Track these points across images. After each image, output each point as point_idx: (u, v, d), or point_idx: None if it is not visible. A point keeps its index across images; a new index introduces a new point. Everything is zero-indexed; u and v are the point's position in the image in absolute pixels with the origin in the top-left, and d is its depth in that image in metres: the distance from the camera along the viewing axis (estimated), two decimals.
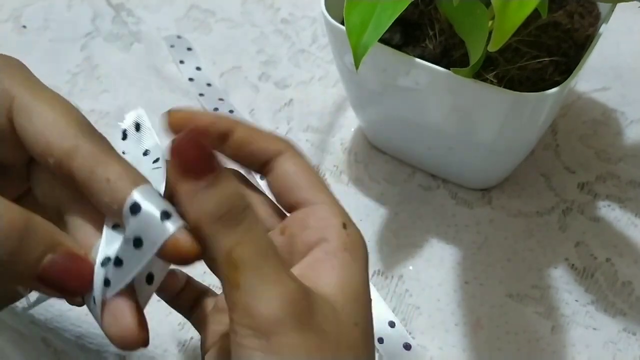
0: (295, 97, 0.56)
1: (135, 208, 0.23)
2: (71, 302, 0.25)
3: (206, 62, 0.58)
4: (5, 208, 0.22)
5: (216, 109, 0.53)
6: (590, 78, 0.56)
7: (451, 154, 0.47)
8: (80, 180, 0.24)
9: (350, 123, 0.54)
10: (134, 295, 0.24)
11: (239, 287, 0.23)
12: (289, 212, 0.29)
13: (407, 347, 0.42)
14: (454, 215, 0.48)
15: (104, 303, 0.23)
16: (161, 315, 0.43)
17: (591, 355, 0.42)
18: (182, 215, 0.23)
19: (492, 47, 0.32)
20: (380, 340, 0.42)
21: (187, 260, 0.23)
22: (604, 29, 0.42)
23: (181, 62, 0.58)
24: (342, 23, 0.38)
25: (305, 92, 0.56)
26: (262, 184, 0.49)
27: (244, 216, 0.23)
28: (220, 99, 0.54)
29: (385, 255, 0.46)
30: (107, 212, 0.24)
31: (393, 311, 0.43)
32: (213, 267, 0.24)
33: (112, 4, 0.63)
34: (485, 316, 0.43)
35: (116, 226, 0.25)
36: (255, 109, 0.55)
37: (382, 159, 0.51)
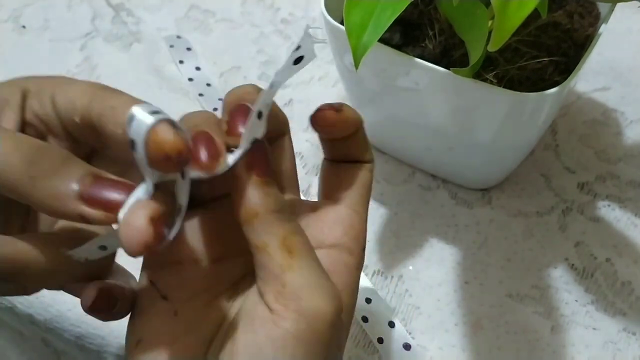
0: (295, 97, 0.56)
1: (131, 118, 0.22)
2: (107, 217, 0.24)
3: (206, 62, 0.58)
4: (46, 144, 0.24)
5: (216, 109, 0.53)
6: (590, 78, 0.56)
7: (451, 154, 0.47)
8: (96, 121, 0.25)
9: None
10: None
11: (293, 270, 0.24)
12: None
13: (407, 347, 0.42)
14: (454, 215, 0.48)
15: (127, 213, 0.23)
16: None
17: (591, 355, 0.42)
18: (238, 206, 0.25)
19: (492, 47, 0.32)
20: (380, 340, 0.42)
21: (170, 156, 0.21)
22: (603, 29, 0.42)
23: (181, 62, 0.58)
24: (342, 23, 0.38)
25: (305, 92, 0.56)
26: None
27: (293, 216, 0.26)
28: (220, 99, 0.54)
29: (385, 255, 0.46)
30: (118, 145, 0.25)
31: (393, 311, 0.43)
32: (258, 253, 0.25)
33: (111, 4, 0.63)
34: (485, 316, 0.43)
35: None
36: None
37: (382, 159, 0.51)
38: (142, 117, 0.22)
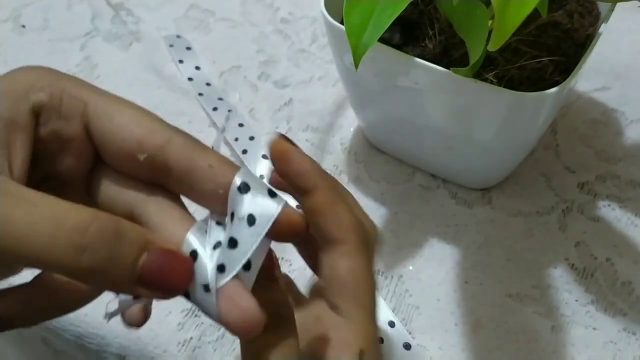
0: (295, 97, 0.56)
1: (244, 187, 0.23)
2: (167, 297, 0.23)
3: (206, 61, 0.58)
4: (94, 213, 0.21)
5: (215, 109, 0.53)
6: (590, 78, 0.56)
7: (451, 153, 0.47)
8: (179, 170, 0.24)
9: (350, 123, 0.54)
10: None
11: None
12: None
13: (407, 347, 0.42)
14: (454, 215, 0.48)
15: (218, 290, 0.23)
16: (161, 316, 0.43)
17: (591, 355, 0.42)
18: None
19: (492, 47, 0.32)
20: (380, 340, 0.42)
21: (299, 233, 0.24)
22: (603, 28, 0.42)
23: (180, 61, 0.57)
24: (342, 23, 0.38)
25: (305, 92, 0.56)
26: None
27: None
28: (220, 99, 0.54)
29: (385, 255, 0.46)
30: (210, 199, 0.25)
31: (393, 311, 0.43)
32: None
33: (111, 3, 0.63)
34: (485, 316, 0.43)
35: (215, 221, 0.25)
36: (255, 108, 0.55)
37: (382, 159, 0.51)
38: (260, 190, 0.24)
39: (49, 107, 0.25)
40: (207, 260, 0.23)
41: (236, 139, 0.51)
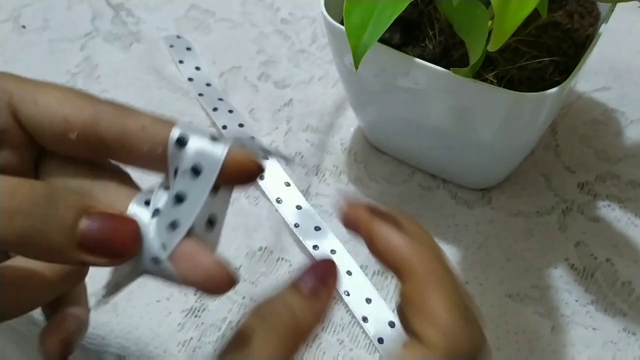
0: (295, 97, 0.56)
1: (183, 140, 0.22)
2: (115, 263, 0.22)
3: (206, 62, 0.58)
4: (25, 180, 0.21)
5: (215, 109, 0.53)
6: (590, 78, 0.56)
7: (451, 154, 0.47)
8: (113, 139, 0.24)
9: (350, 123, 0.54)
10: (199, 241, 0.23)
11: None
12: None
13: None
14: (453, 215, 0.48)
15: (173, 252, 0.22)
16: (161, 316, 0.43)
17: (591, 355, 0.42)
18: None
19: (492, 47, 0.32)
20: (380, 341, 0.42)
21: (252, 175, 0.23)
22: (603, 28, 0.42)
23: (180, 62, 0.58)
24: (342, 23, 0.38)
25: (305, 92, 0.56)
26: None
27: None
28: (220, 99, 0.54)
29: None
30: (151, 162, 0.24)
31: (393, 311, 0.43)
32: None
33: (111, 4, 0.63)
34: (485, 316, 0.43)
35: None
36: (255, 108, 0.55)
37: (382, 159, 0.51)
38: (201, 139, 0.22)
39: None
40: (151, 224, 0.22)
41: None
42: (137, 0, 0.63)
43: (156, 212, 0.23)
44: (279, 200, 0.48)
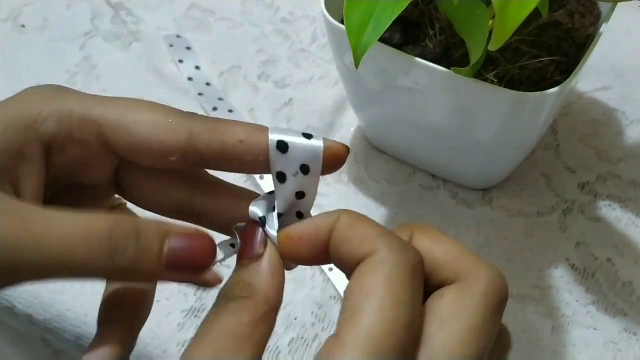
0: (295, 97, 0.55)
1: (283, 146, 0.24)
2: (197, 275, 0.24)
3: (205, 61, 0.58)
4: (113, 218, 0.22)
5: (215, 109, 0.53)
6: (591, 77, 0.55)
7: (451, 153, 0.47)
8: (212, 156, 0.25)
9: (350, 123, 0.54)
10: None
11: None
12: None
13: None
14: (454, 215, 0.48)
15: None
16: (161, 316, 0.43)
17: (591, 355, 0.42)
18: None
19: (493, 47, 0.32)
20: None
21: (344, 160, 0.25)
22: (604, 28, 0.42)
23: (180, 61, 0.57)
24: (342, 22, 0.38)
25: (305, 92, 0.56)
26: (261, 183, 0.48)
27: None
28: (220, 99, 0.54)
29: None
30: (253, 168, 0.25)
31: None
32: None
33: (111, 3, 0.63)
34: None
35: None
36: (255, 108, 0.55)
37: (382, 159, 0.51)
38: (297, 139, 0.25)
39: (60, 137, 0.25)
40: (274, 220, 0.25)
41: None
42: (137, 0, 0.63)
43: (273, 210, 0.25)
44: None
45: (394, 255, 0.21)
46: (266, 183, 0.49)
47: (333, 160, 0.25)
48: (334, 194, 0.49)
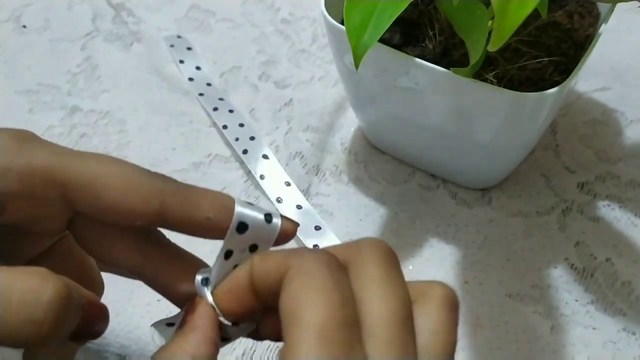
0: (295, 97, 0.56)
1: (242, 227, 0.25)
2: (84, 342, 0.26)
3: (206, 61, 0.58)
4: (54, 281, 0.21)
5: (216, 109, 0.53)
6: (590, 78, 0.56)
7: (451, 153, 0.47)
8: (179, 226, 0.25)
9: (350, 123, 0.54)
10: None
11: None
12: None
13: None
14: (453, 215, 0.48)
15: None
16: (161, 315, 0.43)
17: (591, 355, 0.42)
18: None
19: (492, 47, 0.32)
20: (279, 200, 0.43)
21: (293, 235, 0.26)
22: (603, 29, 0.42)
23: (181, 61, 0.58)
24: (342, 23, 0.38)
25: (305, 92, 0.56)
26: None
27: None
28: (221, 99, 0.54)
29: None
30: (213, 237, 0.26)
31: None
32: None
33: (112, 3, 0.63)
34: (485, 316, 0.43)
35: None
36: (255, 108, 0.55)
37: (382, 159, 0.51)
38: (258, 221, 0.25)
39: (19, 195, 0.23)
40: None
41: (237, 139, 0.51)
42: (138, 0, 0.63)
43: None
44: (279, 200, 0.48)
45: (306, 260, 0.22)
46: (267, 183, 0.49)
47: (283, 238, 0.26)
48: (334, 194, 0.49)
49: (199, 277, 0.26)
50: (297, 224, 0.26)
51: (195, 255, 0.28)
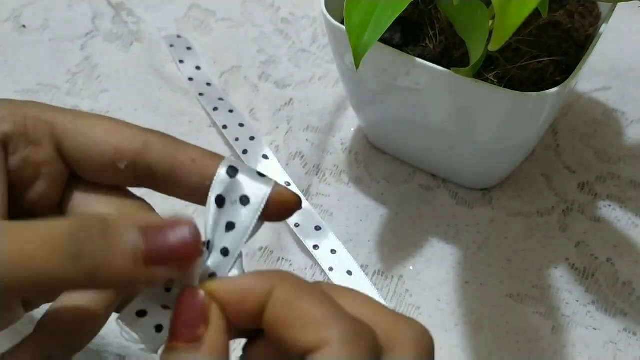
0: (296, 97, 0.56)
1: (233, 171, 0.23)
2: (185, 268, 0.21)
3: (206, 61, 0.58)
4: (78, 217, 0.22)
5: (216, 109, 0.53)
6: (591, 78, 0.56)
7: (451, 153, 0.47)
8: (162, 170, 0.24)
9: (350, 123, 0.54)
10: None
11: None
12: None
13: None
14: (454, 215, 0.48)
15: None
16: None
17: (591, 355, 0.42)
18: None
19: (493, 47, 0.32)
20: None
21: (293, 210, 0.24)
22: (604, 28, 0.42)
23: (181, 61, 0.58)
24: (342, 23, 0.38)
25: (305, 92, 0.56)
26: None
27: None
28: (220, 99, 0.54)
29: (385, 255, 0.46)
30: (198, 194, 0.24)
31: (395, 309, 0.43)
32: None
33: (112, 3, 0.63)
34: (486, 316, 0.43)
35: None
36: (255, 108, 0.55)
37: (382, 159, 0.51)
38: (250, 172, 0.23)
39: (15, 135, 0.25)
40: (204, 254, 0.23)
41: (237, 139, 0.51)
42: (138, 0, 0.63)
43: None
44: None
45: (348, 349, 0.19)
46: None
47: (280, 206, 0.24)
48: (334, 194, 0.49)
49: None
50: (299, 198, 0.24)
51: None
